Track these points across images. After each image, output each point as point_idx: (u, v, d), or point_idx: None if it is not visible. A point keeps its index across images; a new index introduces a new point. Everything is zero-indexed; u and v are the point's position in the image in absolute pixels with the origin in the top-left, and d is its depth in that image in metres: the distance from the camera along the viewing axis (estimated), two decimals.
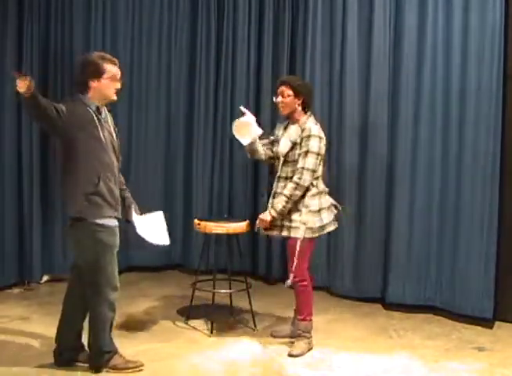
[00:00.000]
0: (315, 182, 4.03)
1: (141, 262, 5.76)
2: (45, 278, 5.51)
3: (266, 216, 4.05)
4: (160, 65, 5.92)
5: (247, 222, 4.53)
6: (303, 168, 3.96)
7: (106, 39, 5.70)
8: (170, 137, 5.99)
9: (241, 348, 4.12)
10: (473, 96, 4.64)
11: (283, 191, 3.98)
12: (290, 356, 4.00)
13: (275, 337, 4.32)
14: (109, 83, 3.56)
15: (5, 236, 5.18)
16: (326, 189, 4.17)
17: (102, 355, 3.60)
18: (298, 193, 3.95)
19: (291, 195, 3.95)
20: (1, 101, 5.12)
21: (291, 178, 4.00)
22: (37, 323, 4.44)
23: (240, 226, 4.47)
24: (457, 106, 4.73)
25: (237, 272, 4.92)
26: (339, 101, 5.29)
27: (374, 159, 5.12)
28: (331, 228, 4.14)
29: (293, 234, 4.00)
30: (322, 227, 4.06)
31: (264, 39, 5.75)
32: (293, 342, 4.15)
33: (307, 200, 4.00)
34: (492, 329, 4.59)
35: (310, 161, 3.96)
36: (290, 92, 4.05)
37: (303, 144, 4.00)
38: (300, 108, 4.09)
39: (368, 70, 5.13)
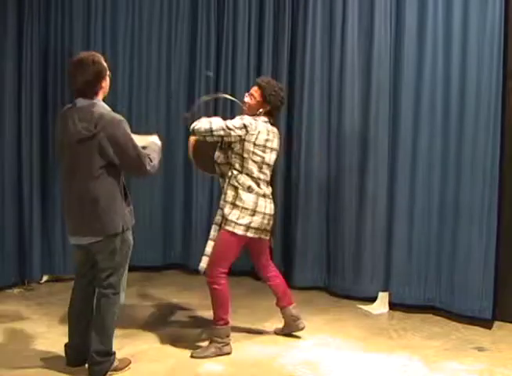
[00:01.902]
0: (253, 183, 3.98)
1: (141, 262, 5.75)
2: (45, 278, 5.50)
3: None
4: (160, 65, 5.91)
5: None
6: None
7: (106, 39, 5.70)
8: (170, 137, 5.98)
9: (242, 348, 4.12)
10: (473, 96, 4.64)
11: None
12: (191, 356, 3.92)
13: (277, 334, 4.34)
14: (108, 80, 3.52)
15: (5, 236, 5.18)
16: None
17: (109, 357, 3.55)
18: (204, 120, 3.98)
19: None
20: (1, 101, 5.12)
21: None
22: (37, 323, 4.44)
23: None
24: (457, 106, 4.73)
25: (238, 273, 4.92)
26: (339, 101, 5.29)
27: (374, 159, 5.12)
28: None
29: (229, 227, 3.95)
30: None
31: (264, 39, 5.74)
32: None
33: (245, 196, 3.98)
34: (491, 329, 4.59)
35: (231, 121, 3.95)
36: (259, 97, 4.01)
37: None
38: (260, 114, 4.00)
39: (368, 69, 5.13)
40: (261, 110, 4.02)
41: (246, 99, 4.07)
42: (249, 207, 3.92)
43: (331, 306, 5.11)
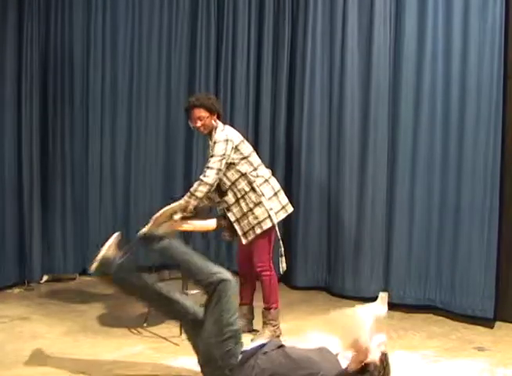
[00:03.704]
0: (254, 173, 4.19)
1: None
2: (45, 278, 5.51)
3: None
4: (160, 65, 5.91)
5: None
6: (207, 167, 4.08)
7: (105, 39, 5.71)
8: (170, 137, 5.99)
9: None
10: (473, 96, 4.64)
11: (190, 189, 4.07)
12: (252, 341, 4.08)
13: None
14: None
15: (5, 236, 5.17)
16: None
17: None
18: (202, 189, 4.02)
19: (195, 190, 4.02)
20: (1, 101, 5.12)
21: (229, 189, 4.15)
22: (37, 323, 4.44)
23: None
24: (457, 107, 4.73)
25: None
26: (339, 101, 5.29)
27: (374, 159, 5.13)
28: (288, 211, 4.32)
29: (264, 226, 4.14)
30: (284, 208, 4.27)
31: (264, 39, 5.74)
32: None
33: (259, 190, 4.16)
34: (492, 329, 4.59)
35: (213, 161, 4.07)
36: (206, 114, 4.16)
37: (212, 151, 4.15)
38: (216, 123, 4.21)
39: (368, 70, 5.13)
40: (213, 121, 4.19)
41: (198, 123, 4.18)
42: None
43: (331, 306, 5.09)
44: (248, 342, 3.55)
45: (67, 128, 5.51)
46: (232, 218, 4.16)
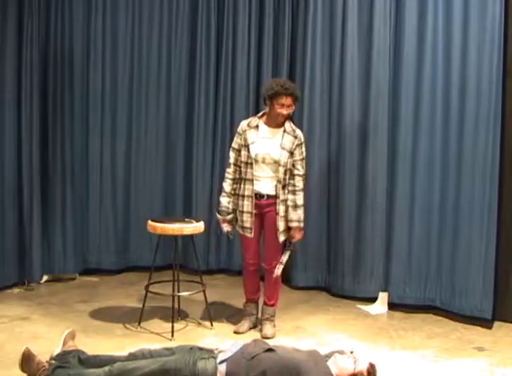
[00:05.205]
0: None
1: (141, 262, 5.76)
2: (45, 278, 5.50)
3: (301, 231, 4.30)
4: (160, 65, 5.91)
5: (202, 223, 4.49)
6: (304, 174, 4.29)
7: (106, 39, 5.70)
8: (170, 137, 5.98)
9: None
10: (473, 95, 4.64)
11: (297, 202, 4.24)
12: (266, 337, 4.17)
13: (239, 333, 4.37)
14: None
15: (5, 236, 5.17)
16: None
17: None
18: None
19: (304, 186, 4.32)
20: (1, 101, 5.11)
21: (286, 184, 4.25)
22: (37, 323, 4.44)
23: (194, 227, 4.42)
24: (457, 106, 4.74)
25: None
26: (339, 101, 5.29)
27: (374, 159, 5.13)
28: None
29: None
30: None
31: (264, 39, 5.74)
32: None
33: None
34: (491, 329, 4.59)
35: (304, 168, 4.31)
36: (292, 104, 4.23)
37: (299, 151, 4.25)
38: None
39: (368, 70, 5.13)
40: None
41: (285, 112, 4.19)
42: None
43: (331, 306, 5.11)
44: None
45: (67, 128, 5.51)
46: (281, 213, 4.24)
